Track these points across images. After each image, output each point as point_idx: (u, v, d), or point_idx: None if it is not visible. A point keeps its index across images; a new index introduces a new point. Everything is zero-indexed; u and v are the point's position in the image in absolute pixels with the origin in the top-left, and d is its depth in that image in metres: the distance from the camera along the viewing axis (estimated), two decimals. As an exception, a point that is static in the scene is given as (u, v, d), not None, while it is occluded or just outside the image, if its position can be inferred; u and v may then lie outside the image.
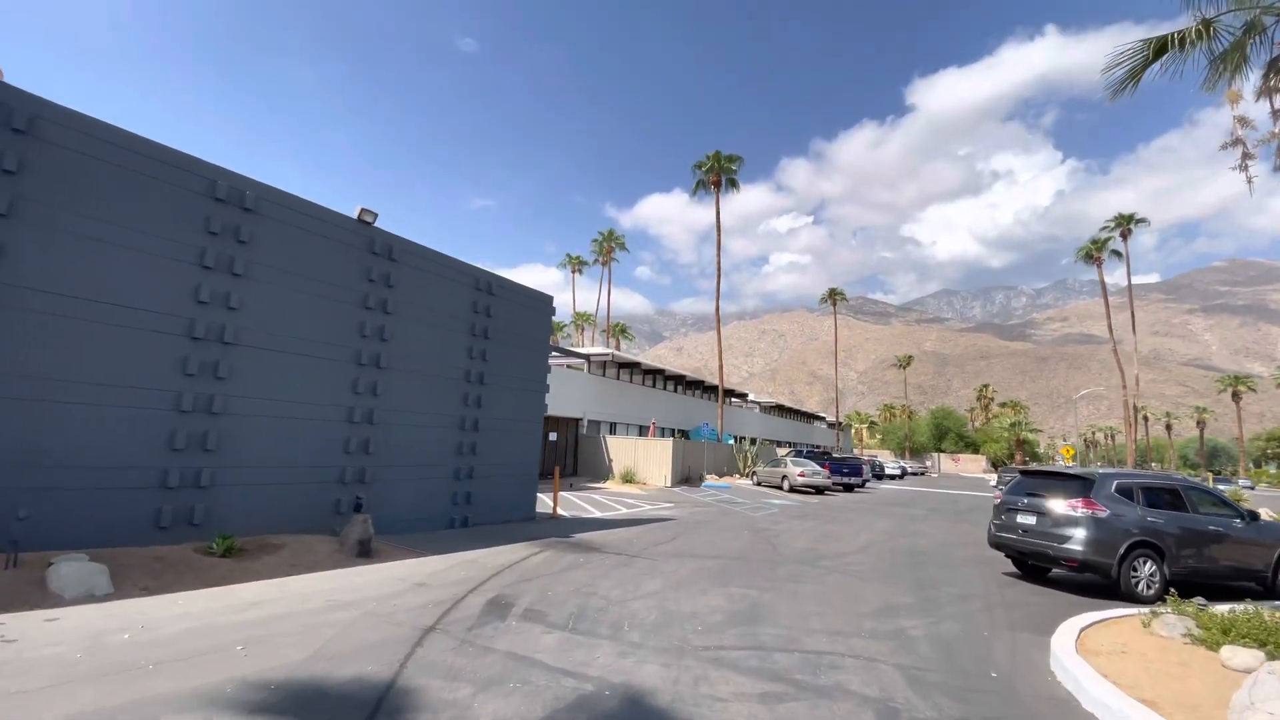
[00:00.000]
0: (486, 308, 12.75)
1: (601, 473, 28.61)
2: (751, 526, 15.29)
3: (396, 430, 10.80)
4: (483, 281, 12.70)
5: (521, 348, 13.72)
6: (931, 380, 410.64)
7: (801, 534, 14.40)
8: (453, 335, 11.98)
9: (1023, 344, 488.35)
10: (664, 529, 13.85)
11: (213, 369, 8.34)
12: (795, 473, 28.14)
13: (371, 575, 7.72)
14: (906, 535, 15.62)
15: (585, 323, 68.40)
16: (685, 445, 30.46)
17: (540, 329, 14.36)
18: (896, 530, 16.52)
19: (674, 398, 40.40)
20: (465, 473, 12.11)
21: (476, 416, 12.39)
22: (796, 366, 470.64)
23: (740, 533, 13.96)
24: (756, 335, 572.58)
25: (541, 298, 14.40)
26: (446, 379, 11.81)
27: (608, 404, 32.45)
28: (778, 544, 12.59)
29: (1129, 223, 53.67)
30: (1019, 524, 10.39)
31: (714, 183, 40.50)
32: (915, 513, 22.32)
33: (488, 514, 12.67)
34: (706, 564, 9.96)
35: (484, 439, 12.60)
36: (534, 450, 14.06)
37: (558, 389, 29.53)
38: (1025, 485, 10.88)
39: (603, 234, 62.59)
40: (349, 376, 10.07)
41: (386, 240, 10.81)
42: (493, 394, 12.86)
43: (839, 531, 15.33)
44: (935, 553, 12.87)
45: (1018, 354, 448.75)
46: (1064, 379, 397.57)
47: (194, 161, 8.37)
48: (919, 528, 17.57)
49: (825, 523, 17.25)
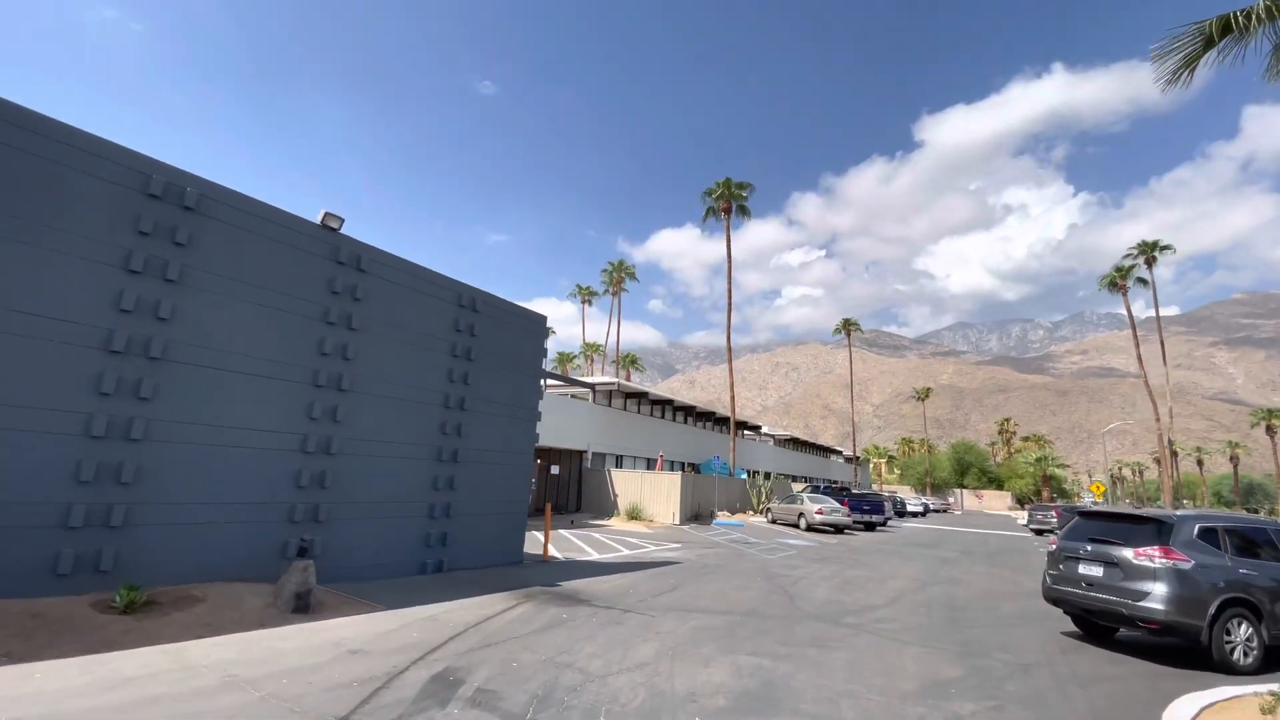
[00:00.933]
0: (470, 326, 11.57)
1: (606, 509, 27.04)
2: (765, 572, 13.71)
3: (360, 461, 9.53)
4: (466, 297, 11.55)
5: (510, 371, 12.50)
6: (949, 414, 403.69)
7: (822, 581, 12.80)
8: (430, 355, 10.78)
9: (1042, 377, 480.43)
10: (666, 575, 12.32)
11: (134, 388, 7.16)
12: (813, 510, 26.39)
13: (299, 638, 6.36)
14: (940, 582, 13.94)
15: (595, 353, 67.35)
16: (695, 480, 28.85)
17: (532, 350, 13.15)
18: (928, 576, 14.83)
19: (684, 429, 38.86)
20: (441, 510, 10.76)
21: (456, 446, 11.10)
22: (811, 400, 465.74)
23: (752, 580, 12.40)
24: (770, 368, 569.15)
25: (533, 317, 13.23)
26: (421, 404, 10.57)
27: (614, 435, 31.03)
28: (795, 594, 11.02)
29: (1153, 249, 52.00)
30: (1083, 576, 8.82)
31: (724, 209, 39.67)
32: (945, 555, 20.50)
33: (467, 557, 11.26)
34: (712, 621, 8.46)
35: (464, 472, 11.28)
36: (523, 485, 12.70)
37: (561, 419, 28.31)
38: (1086, 529, 9.32)
39: (612, 264, 61.97)
40: (304, 399, 8.86)
41: (354, 249, 9.72)
42: (476, 421, 11.59)
43: (864, 578, 13.69)
44: (977, 606, 11.23)
45: (1037, 387, 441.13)
46: (1085, 413, 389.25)
47: (124, 153, 7.36)
48: (952, 573, 15.84)
49: (847, 567, 15.59)
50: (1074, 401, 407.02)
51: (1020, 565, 18.66)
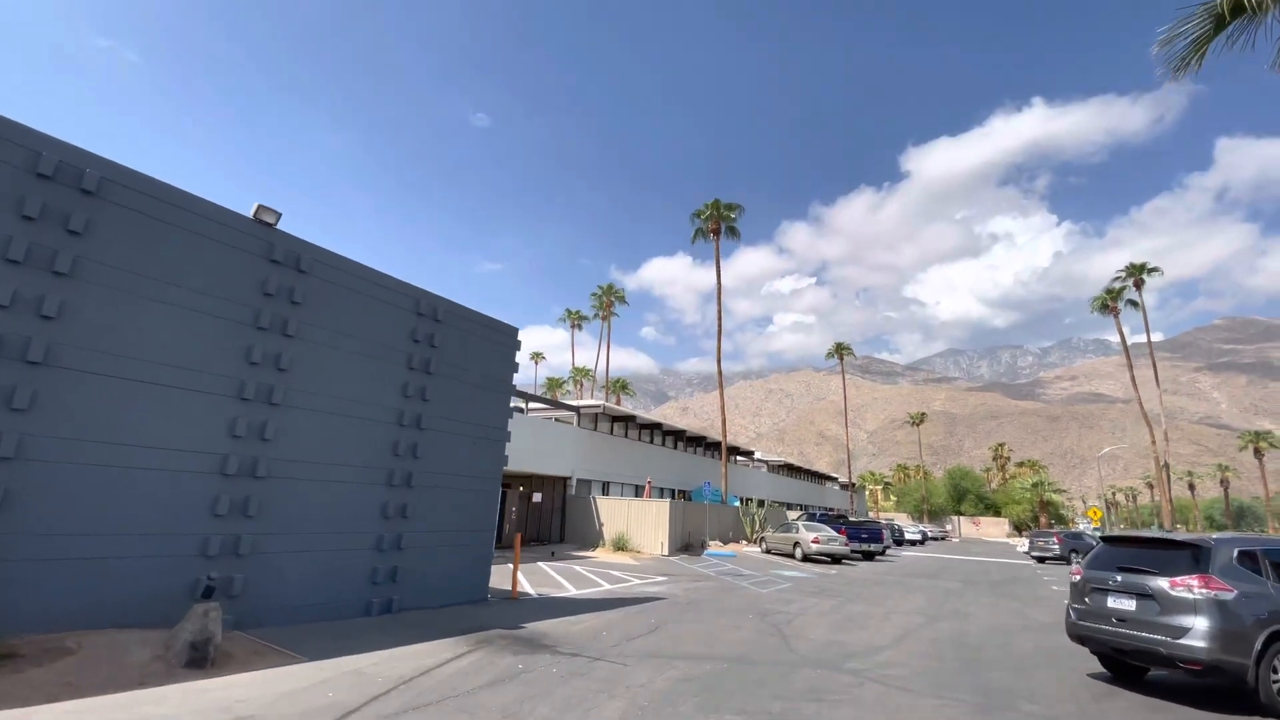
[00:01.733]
0: (430, 336, 10.53)
1: (591, 539, 25.67)
2: (757, 608, 12.49)
3: (294, 486, 8.37)
4: (426, 304, 10.53)
5: (476, 387, 11.42)
6: (943, 440, 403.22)
7: (819, 618, 11.61)
8: (382, 368, 9.71)
9: (1033, 403, 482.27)
10: (647, 614, 11.10)
11: (6, 398, 6.06)
12: (809, 539, 25.13)
13: (179, 701, 5.16)
14: (947, 617, 12.77)
15: (584, 378, 66.24)
16: (685, 508, 27.57)
17: (501, 365, 12.09)
18: (933, 610, 13.65)
19: (674, 455, 37.62)
20: (391, 542, 9.57)
21: (411, 469, 9.95)
22: (805, 426, 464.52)
23: (743, 618, 11.19)
24: (763, 395, 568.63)
25: (503, 329, 12.20)
26: (370, 421, 9.46)
27: (600, 461, 29.78)
28: (790, 634, 9.83)
29: (1141, 272, 51.88)
30: (1113, 610, 7.73)
31: (713, 230, 39.11)
32: (948, 586, 19.29)
33: (421, 595, 10.03)
34: (695, 670, 7.28)
35: (420, 498, 10.12)
36: (489, 513, 11.52)
37: (544, 444, 27.10)
38: (1114, 557, 8.26)
39: (602, 288, 61.26)
40: (226, 415, 7.75)
41: (292, 246, 8.72)
42: (435, 442, 10.46)
43: (865, 614, 12.50)
44: (990, 644, 10.07)
45: (1028, 413, 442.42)
46: (1076, 438, 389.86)
47: (9, 126, 6.37)
48: (958, 605, 14.66)
49: (847, 601, 14.38)
50: (1065, 427, 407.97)
51: (1027, 596, 17.49)
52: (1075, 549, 33.73)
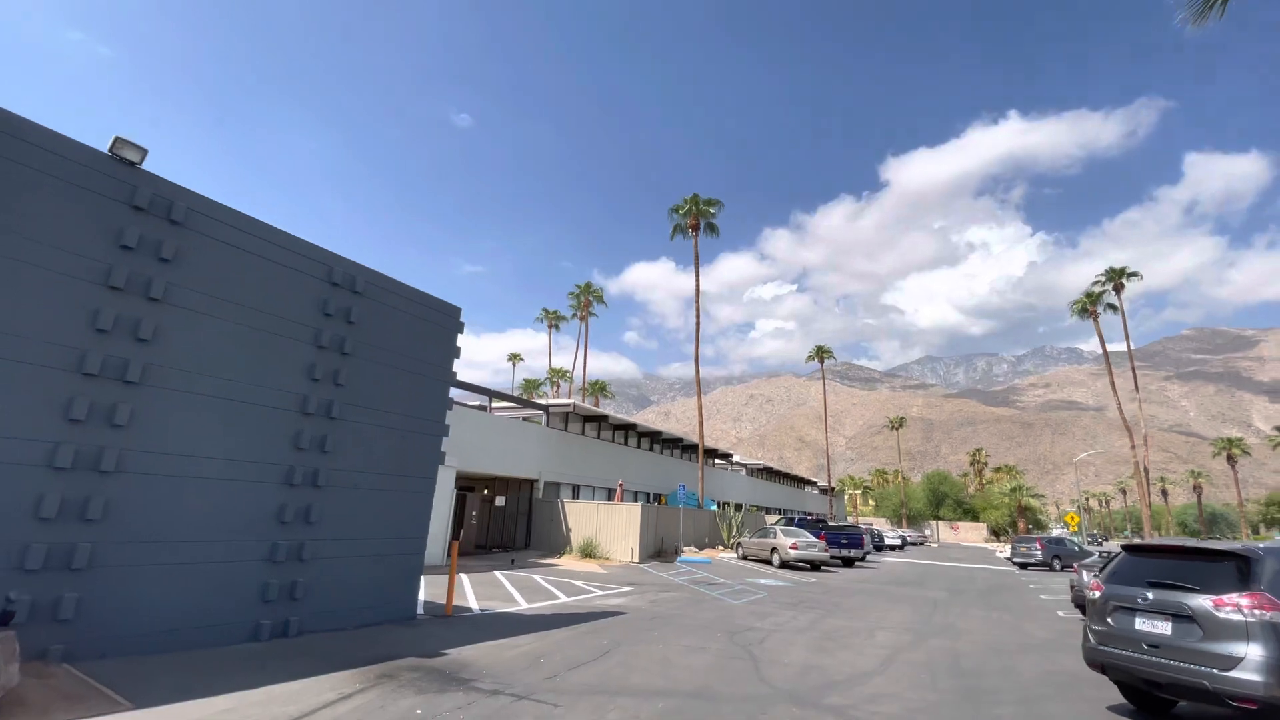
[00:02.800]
0: (346, 311, 9.02)
1: (558, 545, 24.14)
2: (728, 623, 11.11)
3: (155, 484, 6.82)
4: (342, 273, 9.02)
5: (406, 372, 9.92)
6: (920, 446, 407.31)
7: (796, 636, 10.26)
8: (280, 345, 8.18)
9: (1007, 410, 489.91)
10: (601, 633, 9.66)
11: None
12: (786, 545, 23.86)
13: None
14: (938, 633, 11.50)
15: (562, 379, 64.63)
16: (659, 512, 26.16)
17: (439, 350, 10.60)
18: (921, 624, 12.40)
19: (648, 457, 36.20)
20: (290, 551, 8.03)
21: (317, 466, 8.42)
22: (785, 432, 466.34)
23: (710, 636, 9.79)
24: (744, 400, 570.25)
25: (441, 307, 10.71)
26: (264, 408, 7.93)
27: (569, 463, 28.27)
28: (763, 658, 8.46)
29: (1121, 276, 51.83)
30: (1142, 635, 6.47)
31: (692, 227, 37.86)
32: (933, 595, 18.12)
33: (329, 615, 8.49)
34: (641, 712, 5.86)
35: (330, 500, 8.59)
36: (420, 518, 10.00)
37: (509, 444, 25.54)
38: (1140, 570, 7.01)
39: (579, 286, 59.77)
40: (61, 396, 6.18)
41: (163, 192, 7.18)
42: (351, 435, 8.95)
43: (847, 630, 11.18)
44: (989, 668, 8.81)
45: (1003, 420, 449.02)
46: (1050, 445, 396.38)
47: None
48: (948, 619, 13.44)
49: (827, 614, 13.08)
50: (1038, 434, 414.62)
51: (1018, 607, 16.35)
52: (1058, 555, 32.93)
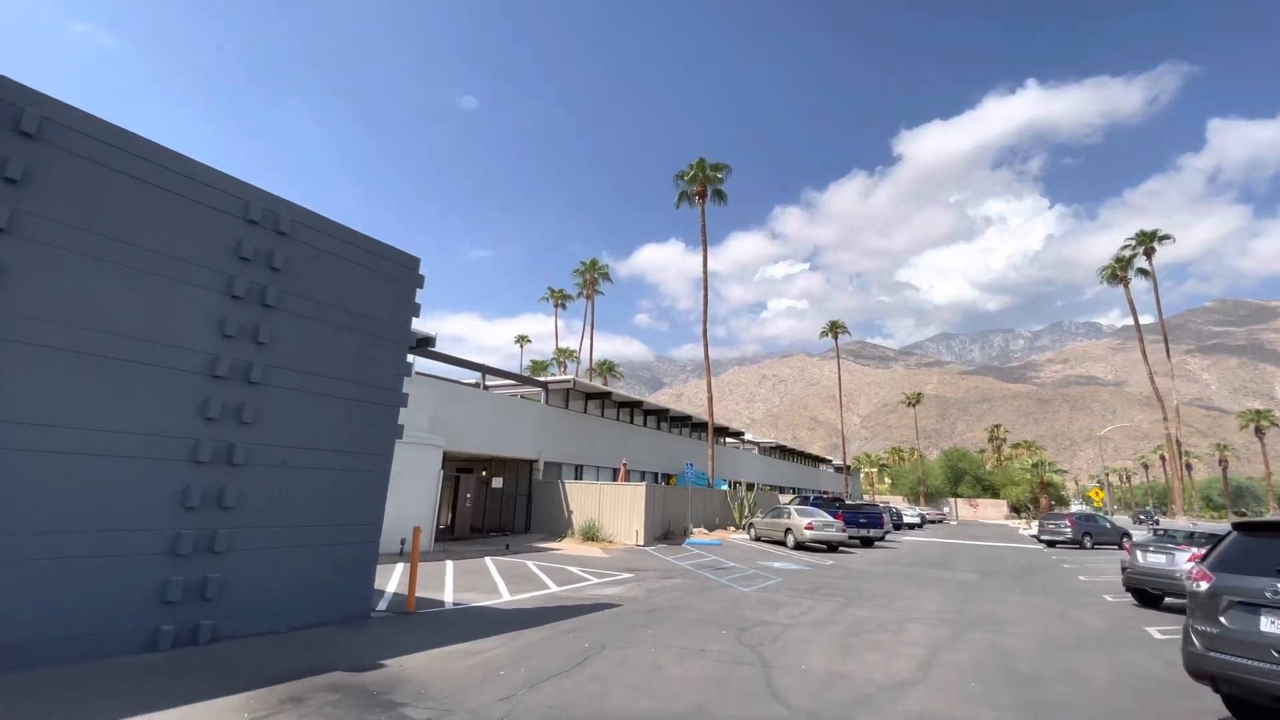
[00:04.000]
0: (267, 255, 7.53)
1: (559, 528, 22.86)
2: (735, 617, 9.66)
3: (9, 462, 5.42)
4: (262, 211, 7.51)
5: (353, 332, 8.45)
6: (935, 424, 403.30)
7: (815, 632, 8.78)
8: (179, 293, 6.71)
9: (1024, 386, 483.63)
10: (582, 633, 8.23)
11: None
12: (801, 525, 22.40)
13: None
14: (977, 625, 9.99)
15: (569, 359, 63.26)
16: (665, 492, 24.78)
17: (393, 306, 9.10)
18: (956, 614, 10.90)
19: (656, 436, 34.76)
20: (200, 543, 6.63)
21: (233, 440, 7.00)
22: (798, 411, 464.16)
23: (713, 635, 8.34)
24: (757, 380, 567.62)
25: (394, 256, 9.19)
26: (162, 370, 6.49)
27: (571, 442, 26.91)
28: (775, 663, 6.99)
29: (1152, 239, 49.23)
30: (1272, 639, 4.94)
31: (699, 194, 35.96)
32: (963, 578, 16.60)
33: (255, 617, 7.13)
34: (610, 752, 4.43)
35: (254, 481, 7.18)
36: (374, 500, 8.59)
37: (506, 423, 24.16)
38: (1267, 554, 5.45)
39: (585, 264, 58.04)
40: None
41: (16, 99, 5.69)
42: (279, 403, 7.51)
43: (874, 622, 9.69)
44: (1049, 671, 7.30)
45: (1020, 396, 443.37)
46: (1068, 421, 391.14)
47: None
48: (985, 606, 11.92)
49: (848, 602, 11.60)
50: (1056, 410, 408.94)
51: (1059, 591, 14.79)
52: (1089, 532, 31.21)
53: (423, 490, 16.43)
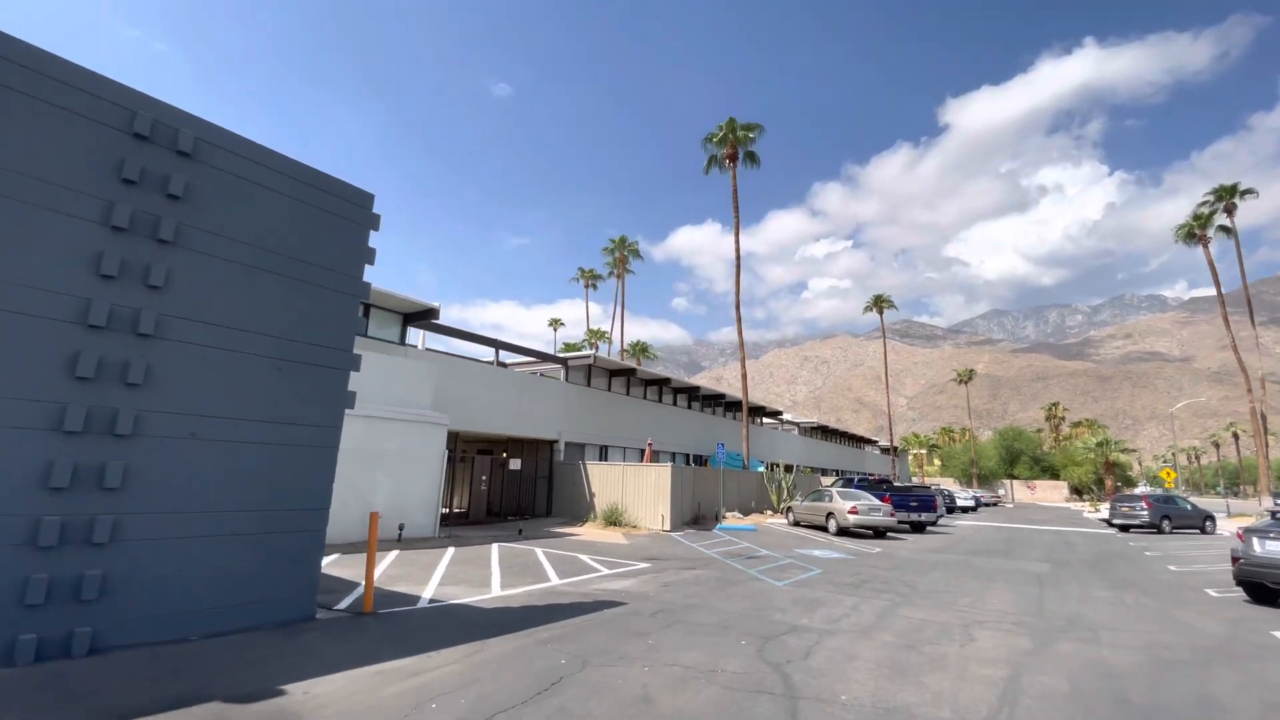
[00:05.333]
0: (162, 180, 6.11)
1: (581, 512, 21.49)
2: (760, 621, 7.97)
3: None
4: (153, 122, 6.08)
5: (283, 278, 7.01)
6: (986, 404, 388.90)
7: (861, 643, 7.02)
8: (45, 222, 5.33)
9: (1082, 363, 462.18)
10: (565, 643, 6.67)
11: None
12: (845, 509, 20.45)
13: None
14: (1064, 630, 8.06)
15: (601, 340, 61.90)
16: (695, 474, 23.12)
17: (339, 250, 7.62)
18: (1034, 615, 8.95)
19: (687, 416, 33.02)
20: (73, 532, 5.31)
21: (118, 406, 5.64)
22: (841, 393, 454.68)
23: (729, 647, 6.67)
24: (798, 362, 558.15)
25: (339, 189, 7.69)
26: (9, 315, 5.14)
27: (594, 422, 25.46)
28: (806, 694, 5.28)
29: (1232, 195, 44.52)
30: None
31: (729, 157, 33.69)
32: (1031, 568, 14.48)
33: (158, 621, 5.82)
34: None
35: (149, 457, 5.83)
36: (318, 481, 7.20)
37: (526, 402, 22.78)
38: None
39: (614, 241, 56.33)
40: None
41: None
42: (184, 362, 6.13)
43: (933, 628, 7.86)
44: (1173, 696, 5.48)
45: (1077, 374, 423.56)
46: (1129, 399, 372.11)
47: None
48: (1070, 606, 9.91)
49: (900, 599, 9.77)
50: (1116, 388, 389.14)
51: (1149, 585, 12.58)
52: (1167, 515, 28.22)
53: (425, 472, 15.19)
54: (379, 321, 17.78)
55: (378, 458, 14.25)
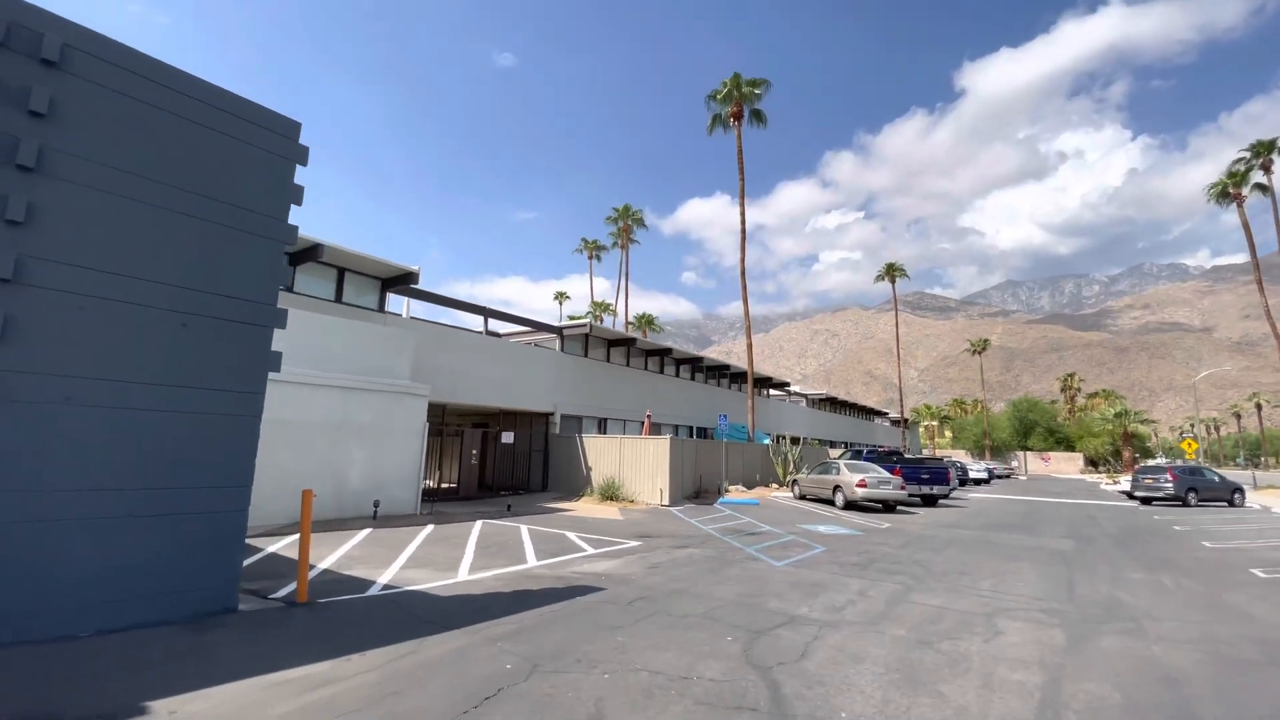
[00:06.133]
0: (22, 94, 5.04)
1: (577, 486, 20.65)
2: (752, 612, 6.99)
3: None
4: (7, 24, 4.99)
5: (190, 218, 5.96)
6: (999, 376, 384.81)
7: (866, 640, 6.02)
8: None
9: (1099, 334, 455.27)
10: (512, 645, 5.72)
11: None
12: (852, 482, 19.45)
13: None
14: (1104, 623, 7.01)
15: (605, 313, 60.73)
16: (697, 446, 22.18)
17: (262, 187, 6.55)
18: (1067, 602, 7.92)
19: (689, 387, 31.97)
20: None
21: (-40, 364, 4.66)
22: (852, 366, 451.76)
23: (711, 644, 5.69)
24: (808, 336, 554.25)
25: (262, 119, 6.58)
26: None
27: (591, 393, 24.49)
28: (797, 714, 4.30)
29: (1270, 150, 42.09)
30: None
31: (734, 115, 32.00)
32: (1055, 545, 13.43)
33: (40, 617, 4.96)
34: None
35: (13, 423, 4.87)
36: (235, 454, 6.22)
37: (518, 373, 21.68)
38: None
39: (618, 209, 54.74)
40: None
41: None
42: (56, 315, 5.14)
43: (951, 619, 6.85)
44: (1252, 709, 4.39)
45: (1093, 345, 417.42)
46: (1146, 370, 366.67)
47: None
48: (1104, 589, 8.87)
49: (913, 582, 8.77)
50: (1133, 359, 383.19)
51: (1187, 564, 11.51)
52: (1193, 487, 27.01)
53: (403, 446, 14.30)
54: (355, 287, 16.75)
55: (352, 431, 13.35)
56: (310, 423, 12.52)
